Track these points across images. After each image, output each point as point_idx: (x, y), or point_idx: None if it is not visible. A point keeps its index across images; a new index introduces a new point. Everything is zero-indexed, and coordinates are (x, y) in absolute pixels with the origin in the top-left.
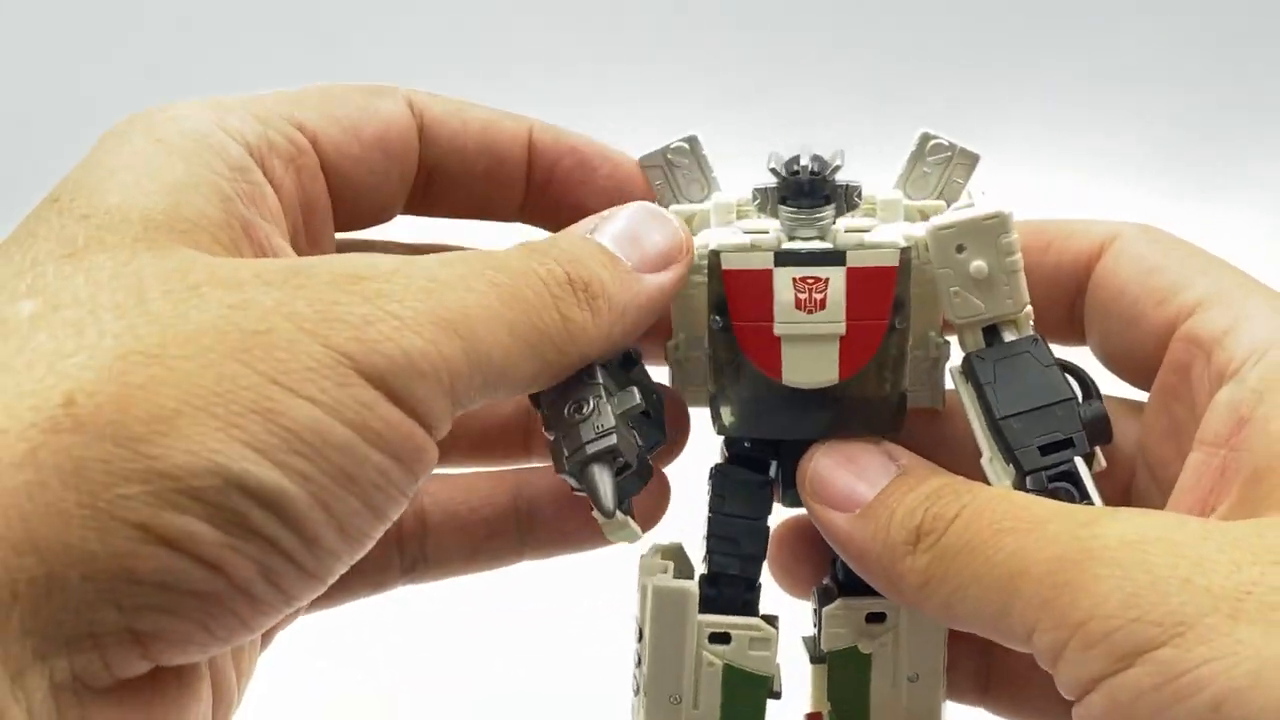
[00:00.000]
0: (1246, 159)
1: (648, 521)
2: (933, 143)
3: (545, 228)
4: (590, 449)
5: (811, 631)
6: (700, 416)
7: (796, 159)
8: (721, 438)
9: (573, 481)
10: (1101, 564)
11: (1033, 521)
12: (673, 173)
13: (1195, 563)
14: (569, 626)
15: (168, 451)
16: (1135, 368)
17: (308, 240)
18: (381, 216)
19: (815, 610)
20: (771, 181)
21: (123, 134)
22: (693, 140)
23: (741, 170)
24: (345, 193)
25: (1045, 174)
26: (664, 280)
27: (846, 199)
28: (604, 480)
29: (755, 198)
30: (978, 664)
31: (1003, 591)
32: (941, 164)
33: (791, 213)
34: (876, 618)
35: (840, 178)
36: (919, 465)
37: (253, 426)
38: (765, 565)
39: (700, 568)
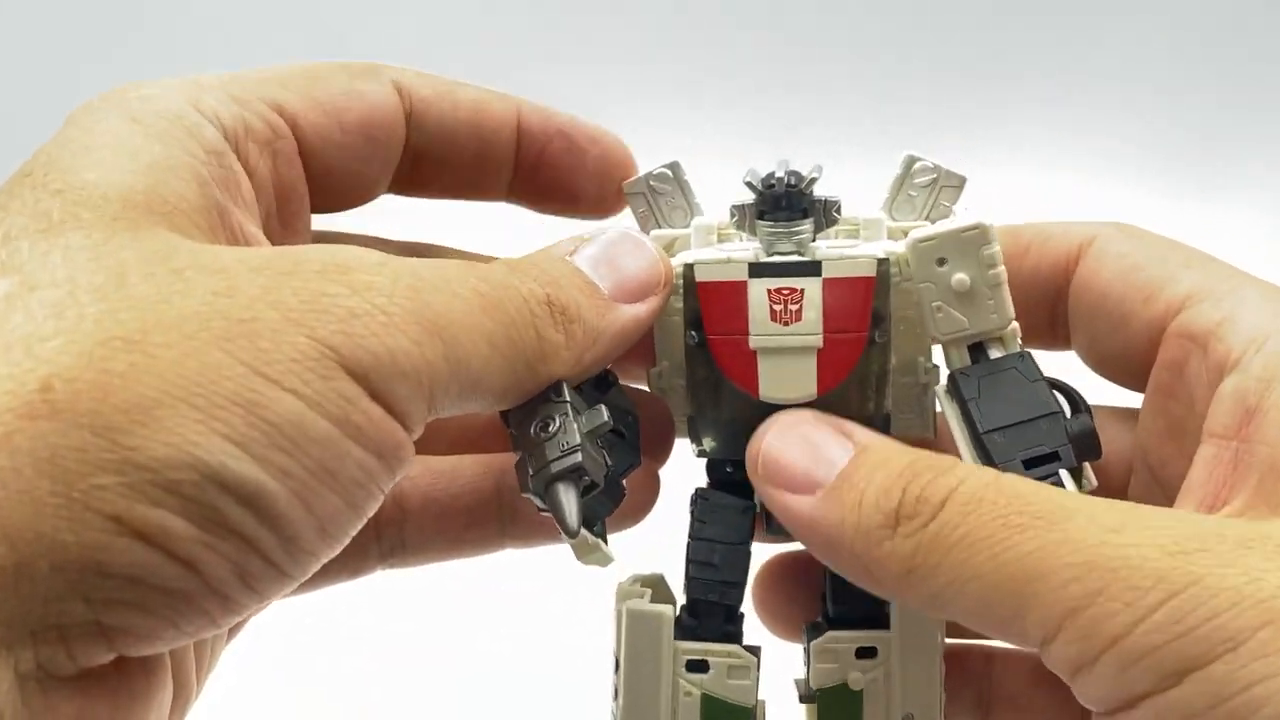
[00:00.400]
0: (1246, 159)
1: (637, 512)
2: (918, 165)
3: (531, 208)
4: (554, 467)
5: (803, 674)
6: (683, 445)
7: (772, 173)
8: (704, 466)
9: (537, 501)
10: (1141, 574)
11: (1050, 518)
12: (655, 199)
13: (1242, 572)
14: (549, 614)
15: (145, 443)
16: (1127, 369)
17: (281, 225)
18: (362, 199)
19: (805, 649)
20: (749, 198)
21: (96, 110)
22: (675, 166)
23: (744, 168)
24: (324, 177)
25: (1045, 174)
26: (639, 311)
27: (825, 214)
28: (568, 499)
29: (733, 215)
30: (978, 690)
31: (1014, 594)
32: (927, 187)
33: (769, 227)
34: (867, 652)
35: (819, 193)
36: (877, 440)
37: (233, 419)
38: (752, 606)
39: (681, 599)
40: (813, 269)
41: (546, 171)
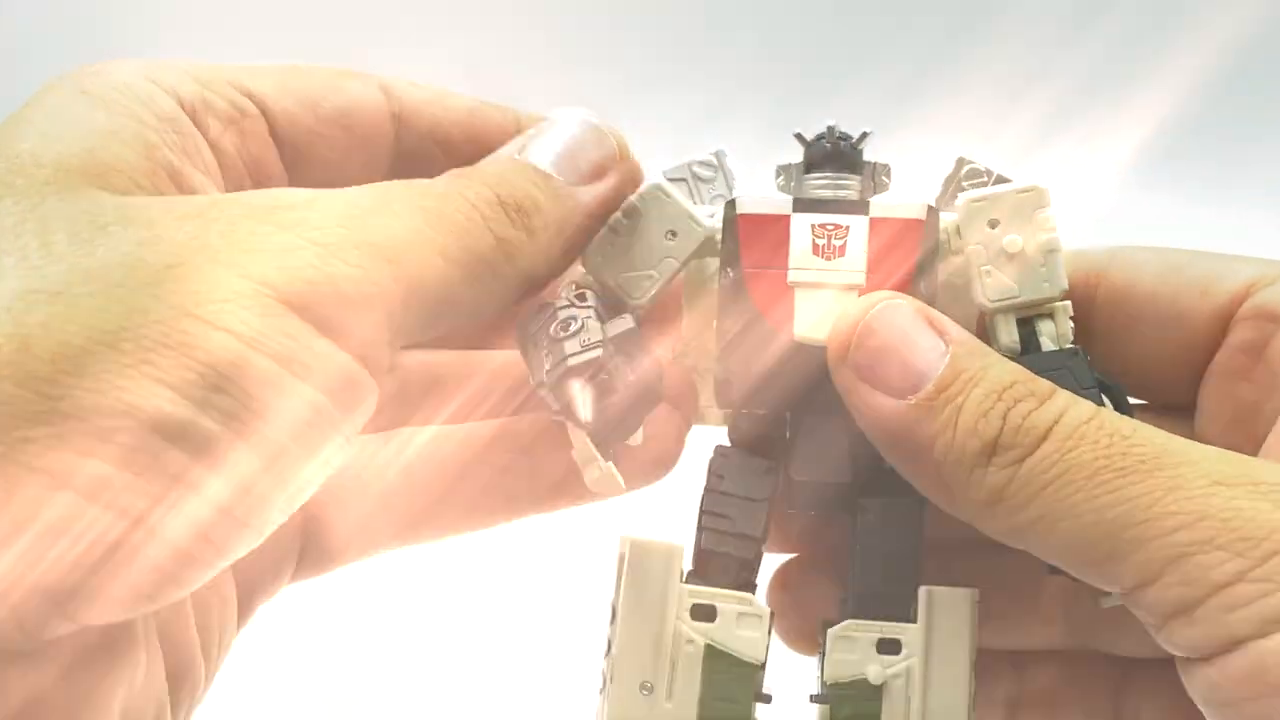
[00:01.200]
0: (1247, 160)
1: (662, 465)
2: (968, 168)
3: None
4: (572, 360)
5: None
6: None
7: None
8: (726, 436)
9: (550, 399)
10: (1255, 525)
11: (1156, 461)
12: (698, 186)
13: None
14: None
15: (72, 391)
16: (1179, 375)
17: None
18: None
19: (821, 652)
20: (797, 158)
21: (51, 88)
22: (720, 154)
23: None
24: (302, 166)
25: (1045, 174)
26: (600, 190)
27: (874, 176)
28: (583, 393)
29: (779, 175)
30: (1008, 689)
31: (1111, 536)
32: None
33: (816, 180)
34: (890, 646)
35: (869, 156)
36: (970, 340)
37: (166, 362)
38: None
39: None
40: (860, 207)
41: None
